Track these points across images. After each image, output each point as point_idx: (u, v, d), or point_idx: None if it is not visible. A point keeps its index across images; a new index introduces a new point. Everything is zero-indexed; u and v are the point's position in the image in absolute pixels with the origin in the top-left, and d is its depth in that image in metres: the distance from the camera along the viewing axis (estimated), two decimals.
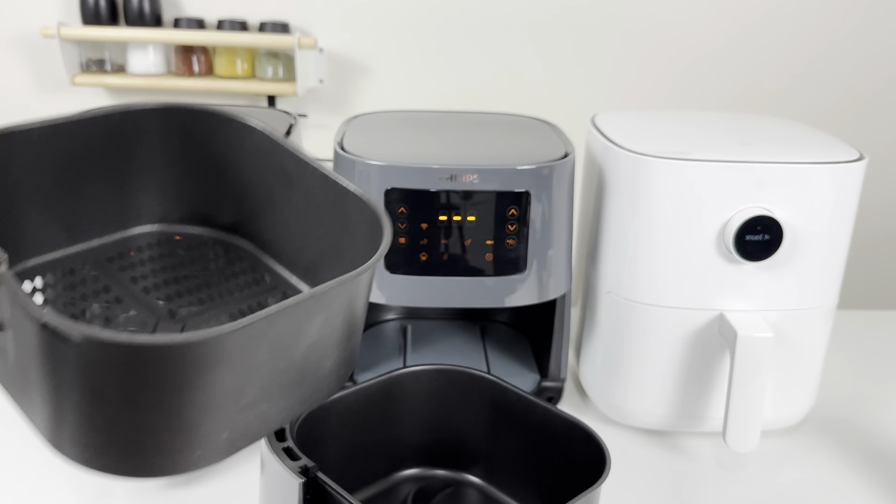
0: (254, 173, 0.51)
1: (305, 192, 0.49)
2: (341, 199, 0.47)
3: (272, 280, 0.54)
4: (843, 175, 0.65)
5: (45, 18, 1.76)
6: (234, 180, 0.52)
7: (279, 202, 0.51)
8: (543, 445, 0.59)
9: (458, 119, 0.80)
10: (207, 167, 0.52)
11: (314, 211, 0.49)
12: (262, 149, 0.50)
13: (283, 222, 0.52)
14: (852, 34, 1.83)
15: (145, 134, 0.50)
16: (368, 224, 0.45)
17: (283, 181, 0.50)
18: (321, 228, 0.49)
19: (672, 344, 0.70)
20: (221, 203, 0.53)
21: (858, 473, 0.70)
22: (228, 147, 0.51)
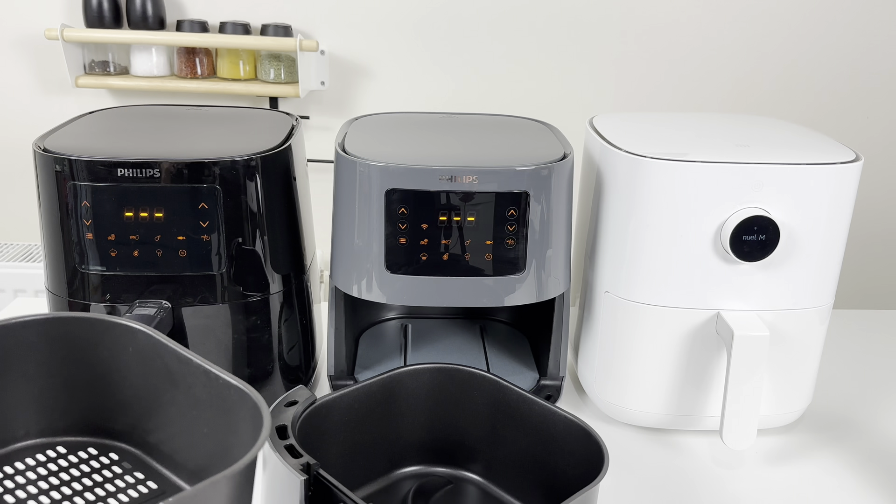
0: (139, 376, 0.51)
1: (189, 390, 0.49)
2: (224, 393, 0.47)
3: (160, 486, 0.53)
4: (839, 176, 0.66)
5: (48, 21, 1.77)
6: (120, 385, 0.52)
7: (164, 403, 0.51)
8: (542, 443, 0.60)
9: (457, 120, 0.81)
10: (92, 375, 0.51)
11: (198, 409, 0.49)
12: (146, 351, 0.50)
13: (169, 424, 0.51)
14: (848, 36, 1.84)
15: (26, 346, 0.50)
16: (251, 417, 0.44)
17: (167, 381, 0.50)
18: (205, 427, 0.49)
19: (669, 343, 0.70)
20: (107, 410, 0.53)
21: (854, 471, 0.71)
22: (113, 352, 0.51)
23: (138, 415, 0.52)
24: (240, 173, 0.64)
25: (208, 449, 0.50)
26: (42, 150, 0.63)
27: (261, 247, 0.67)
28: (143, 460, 0.53)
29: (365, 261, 0.67)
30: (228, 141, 0.70)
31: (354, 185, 0.66)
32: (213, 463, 0.50)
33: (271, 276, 0.69)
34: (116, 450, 0.53)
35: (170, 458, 0.53)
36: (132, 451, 0.53)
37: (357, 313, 0.83)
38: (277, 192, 0.68)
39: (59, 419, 0.53)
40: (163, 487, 0.52)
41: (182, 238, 0.64)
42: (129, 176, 0.62)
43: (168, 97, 1.84)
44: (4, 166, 1.92)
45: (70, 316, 0.50)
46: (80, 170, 0.62)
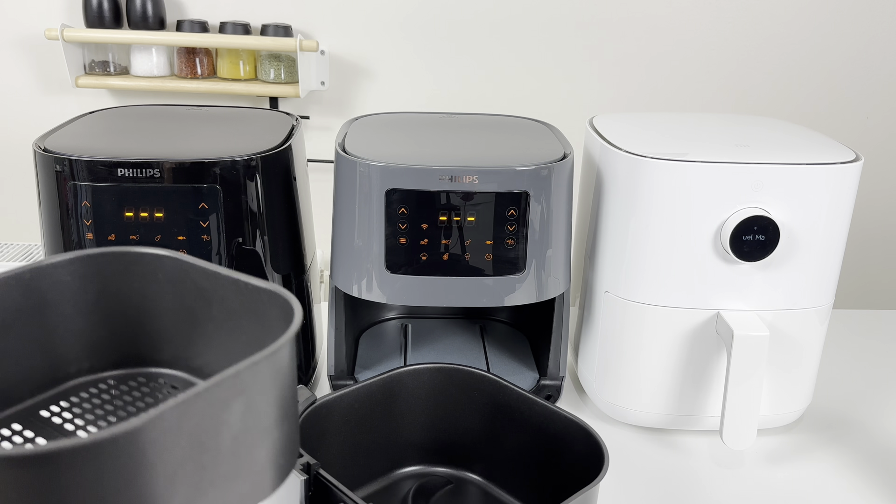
0: (173, 301, 0.51)
1: (222, 303, 0.49)
2: (254, 298, 0.47)
3: None
4: (839, 176, 0.66)
5: (48, 21, 1.77)
6: (157, 313, 0.52)
7: (202, 322, 0.51)
8: (542, 443, 0.60)
9: (458, 120, 0.81)
10: (129, 307, 0.52)
11: (234, 319, 0.49)
12: (175, 274, 0.50)
13: (209, 341, 0.51)
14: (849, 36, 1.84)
15: (61, 286, 0.50)
16: (283, 316, 0.45)
17: (200, 300, 0.50)
18: (243, 335, 0.49)
19: (669, 343, 0.70)
20: (148, 339, 0.53)
21: (854, 471, 0.71)
22: (144, 282, 0.51)
23: (180, 339, 0.53)
24: (240, 173, 0.64)
25: (250, 355, 0.50)
26: (42, 150, 0.63)
27: (261, 247, 0.67)
28: (191, 381, 0.54)
29: (365, 261, 0.67)
30: (228, 141, 0.70)
31: (354, 185, 0.66)
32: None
33: (271, 276, 0.69)
34: (165, 377, 0.54)
35: (216, 373, 0.53)
36: (180, 375, 0.54)
37: (357, 313, 0.83)
38: (277, 192, 0.68)
39: (105, 354, 0.53)
40: None
41: (182, 238, 0.64)
42: (129, 176, 0.62)
43: (168, 97, 1.84)
44: (4, 166, 1.92)
45: (99, 252, 0.50)
46: (81, 170, 0.62)
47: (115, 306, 0.52)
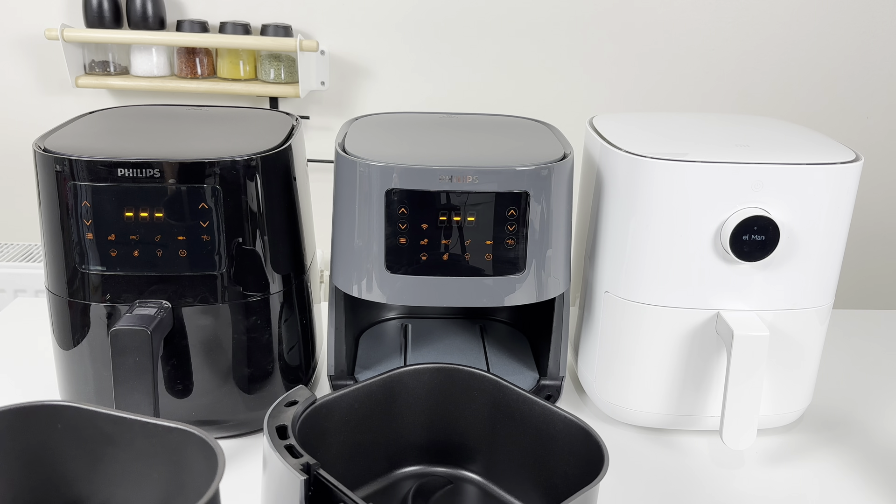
0: (75, 448, 0.51)
1: (130, 445, 0.50)
2: (167, 438, 0.48)
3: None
4: (839, 176, 0.66)
5: (48, 21, 1.77)
6: (58, 462, 0.52)
7: (106, 463, 0.51)
8: (542, 443, 0.60)
9: (457, 120, 0.81)
10: (26, 461, 0.52)
11: (141, 460, 0.50)
12: (76, 422, 0.50)
13: (114, 482, 0.52)
14: (849, 36, 1.84)
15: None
16: (202, 452, 0.45)
17: (105, 444, 0.51)
18: (155, 473, 0.50)
19: (669, 343, 0.70)
20: (50, 489, 0.53)
21: (854, 471, 0.71)
22: (42, 434, 0.51)
23: (82, 484, 0.53)
24: (240, 173, 0.64)
25: (163, 491, 0.51)
26: (42, 150, 0.63)
27: (261, 247, 0.67)
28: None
29: (365, 261, 0.68)
30: (228, 141, 0.70)
31: (354, 185, 0.66)
32: (171, 501, 0.51)
33: (271, 276, 0.69)
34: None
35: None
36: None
37: (357, 313, 0.83)
38: (277, 192, 0.68)
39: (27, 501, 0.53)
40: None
41: (182, 238, 0.64)
42: (129, 176, 0.62)
43: (168, 97, 1.84)
44: (4, 166, 1.92)
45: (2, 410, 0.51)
46: (81, 170, 0.62)
47: (10, 463, 0.52)
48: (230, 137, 0.71)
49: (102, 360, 0.67)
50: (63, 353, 0.69)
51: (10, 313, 0.95)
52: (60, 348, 0.69)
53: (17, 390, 0.78)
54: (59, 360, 0.70)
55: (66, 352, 0.69)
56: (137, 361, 0.61)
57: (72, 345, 0.68)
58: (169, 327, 0.65)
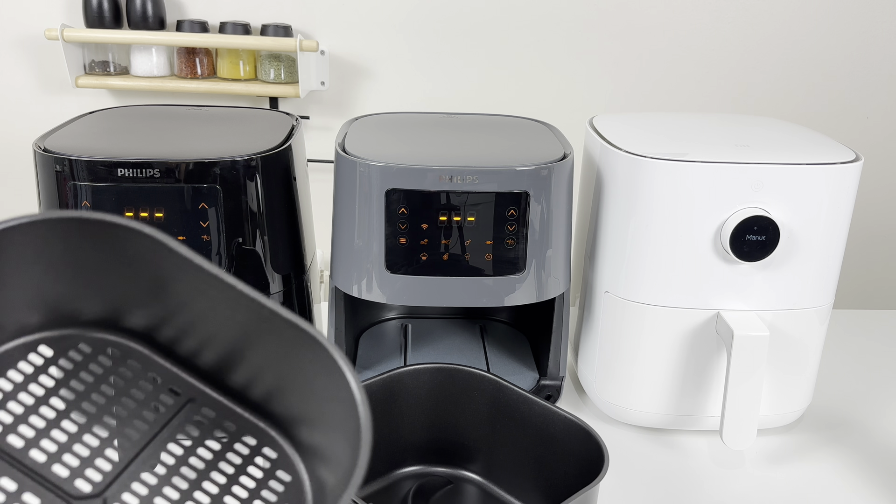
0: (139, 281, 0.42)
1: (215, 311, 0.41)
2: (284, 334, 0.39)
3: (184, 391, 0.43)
4: (839, 176, 0.66)
5: (48, 21, 1.77)
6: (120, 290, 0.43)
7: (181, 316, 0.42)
8: (542, 443, 0.60)
9: (457, 120, 0.81)
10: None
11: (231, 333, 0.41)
12: (153, 258, 0.41)
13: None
14: (849, 36, 1.84)
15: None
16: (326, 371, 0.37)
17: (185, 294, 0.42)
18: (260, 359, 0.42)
19: (669, 343, 0.70)
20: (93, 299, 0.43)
21: (854, 471, 0.71)
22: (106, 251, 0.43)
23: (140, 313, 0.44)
24: (240, 173, 0.64)
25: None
26: (42, 150, 0.63)
27: (261, 247, 0.67)
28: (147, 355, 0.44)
29: (365, 261, 0.67)
30: (228, 141, 0.70)
31: (354, 185, 0.66)
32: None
33: (271, 276, 0.69)
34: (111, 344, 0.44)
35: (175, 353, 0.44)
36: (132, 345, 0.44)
37: (357, 313, 0.83)
38: (277, 192, 0.68)
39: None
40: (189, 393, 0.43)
41: (181, 238, 0.64)
42: (129, 176, 0.62)
43: (168, 97, 1.84)
44: (4, 166, 1.92)
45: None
46: (81, 170, 0.62)
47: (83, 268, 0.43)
48: (230, 137, 0.71)
49: None
50: None
51: None
52: None
53: None
54: None
55: None
56: None
57: None
58: None
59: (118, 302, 0.43)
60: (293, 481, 0.41)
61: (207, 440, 0.42)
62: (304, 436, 0.42)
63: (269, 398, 0.42)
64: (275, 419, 0.43)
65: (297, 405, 0.41)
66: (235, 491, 0.40)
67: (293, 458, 0.42)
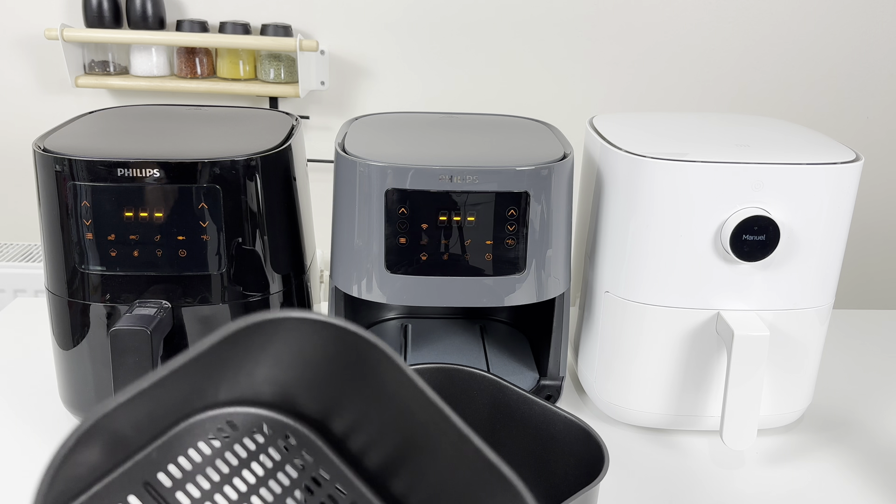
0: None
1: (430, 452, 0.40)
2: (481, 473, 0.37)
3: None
4: (840, 175, 0.66)
5: (48, 21, 1.77)
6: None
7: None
8: (542, 443, 0.60)
9: (457, 120, 0.81)
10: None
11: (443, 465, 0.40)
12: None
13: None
14: (848, 35, 1.84)
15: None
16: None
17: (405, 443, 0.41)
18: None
19: (670, 343, 0.70)
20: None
21: (854, 471, 0.71)
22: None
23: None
24: (240, 173, 0.64)
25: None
26: (42, 150, 0.63)
27: (261, 247, 0.67)
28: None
29: (365, 261, 0.67)
30: (228, 141, 0.70)
31: (354, 185, 0.66)
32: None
33: (271, 276, 0.69)
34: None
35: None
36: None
37: (357, 313, 0.83)
38: (277, 192, 0.68)
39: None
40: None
41: (182, 238, 0.64)
42: (129, 176, 0.62)
43: (168, 97, 1.84)
44: (4, 166, 1.92)
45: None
46: (80, 170, 0.62)
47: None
48: (230, 137, 0.71)
49: (102, 360, 0.67)
50: (63, 353, 0.69)
51: (10, 313, 0.95)
52: (60, 348, 0.69)
53: (17, 390, 0.78)
54: (58, 360, 0.70)
55: (66, 352, 0.69)
56: (137, 361, 0.61)
57: (72, 345, 0.68)
58: (169, 327, 0.65)
59: (331, 404, 0.43)
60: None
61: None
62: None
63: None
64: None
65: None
66: None
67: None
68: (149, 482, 0.39)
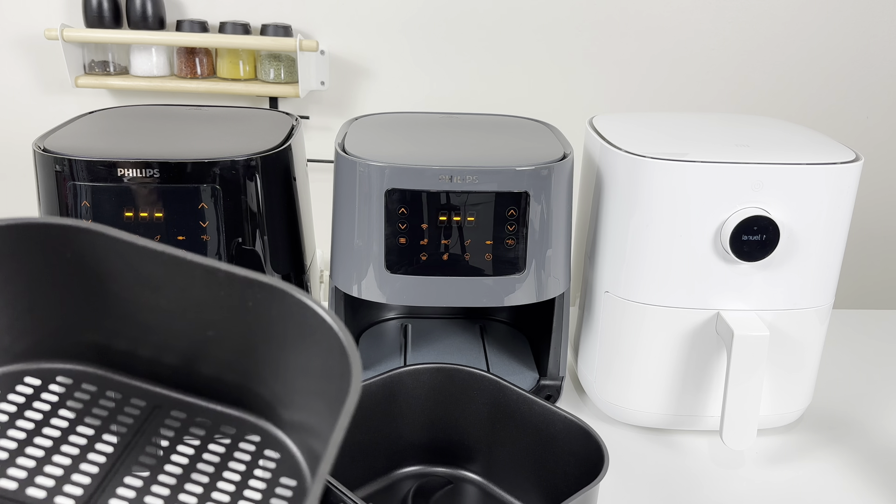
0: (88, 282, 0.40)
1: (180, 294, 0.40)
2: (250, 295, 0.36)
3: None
4: (839, 176, 0.66)
5: (48, 21, 1.77)
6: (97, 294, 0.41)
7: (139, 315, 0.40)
8: (542, 443, 0.60)
9: (457, 120, 0.81)
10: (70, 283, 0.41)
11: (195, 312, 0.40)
12: (99, 253, 0.39)
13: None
14: (848, 36, 1.84)
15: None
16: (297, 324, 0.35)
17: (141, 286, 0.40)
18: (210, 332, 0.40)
19: (669, 343, 0.70)
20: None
21: (854, 471, 0.71)
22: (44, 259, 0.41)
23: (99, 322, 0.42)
24: (240, 173, 0.64)
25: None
26: (42, 150, 0.63)
27: (261, 247, 0.67)
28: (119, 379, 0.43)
29: (365, 261, 0.67)
30: (228, 141, 0.70)
31: (354, 185, 0.66)
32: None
33: (271, 275, 0.69)
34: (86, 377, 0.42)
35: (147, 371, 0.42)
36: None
37: (357, 313, 0.83)
38: (277, 192, 0.68)
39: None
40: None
41: (182, 238, 0.64)
42: (128, 176, 0.62)
43: (168, 97, 1.84)
44: (4, 166, 1.92)
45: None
46: (80, 170, 0.62)
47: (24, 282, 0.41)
48: (230, 137, 0.71)
49: None
50: None
51: None
52: None
53: None
54: None
55: None
56: None
57: None
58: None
59: (62, 321, 0.41)
60: (284, 457, 0.40)
61: (183, 442, 0.41)
62: (286, 415, 0.41)
63: (244, 385, 0.41)
64: (252, 407, 0.42)
65: (272, 382, 0.40)
66: (224, 482, 0.39)
67: (278, 435, 0.41)
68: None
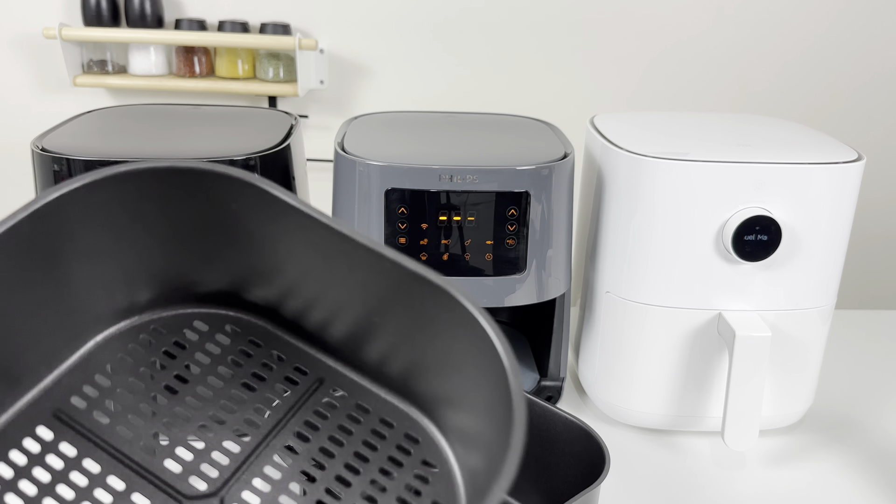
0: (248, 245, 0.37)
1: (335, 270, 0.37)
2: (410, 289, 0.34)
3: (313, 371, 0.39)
4: (841, 175, 0.66)
5: (46, 19, 1.77)
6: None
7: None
8: (543, 444, 0.59)
9: (457, 120, 0.81)
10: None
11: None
12: (259, 210, 0.36)
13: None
14: (850, 35, 1.84)
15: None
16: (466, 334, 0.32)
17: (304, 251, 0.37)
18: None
19: (671, 343, 0.70)
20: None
21: (856, 472, 0.70)
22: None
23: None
24: None
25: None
26: (40, 150, 0.63)
27: None
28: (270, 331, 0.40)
29: None
30: (227, 140, 0.69)
31: (354, 185, 0.66)
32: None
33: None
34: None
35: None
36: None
37: None
38: None
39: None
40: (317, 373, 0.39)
41: None
42: None
43: (166, 96, 1.83)
44: (3, 166, 1.91)
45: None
46: (79, 169, 0.61)
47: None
48: (229, 137, 0.71)
49: None
50: None
51: None
52: None
53: None
54: None
55: None
56: None
57: None
58: None
59: (232, 272, 0.38)
60: (442, 470, 0.36)
61: (340, 428, 0.37)
62: (449, 418, 0.37)
63: (408, 375, 0.37)
64: (415, 399, 0.38)
65: (438, 381, 0.36)
66: (376, 483, 0.35)
67: (440, 442, 0.37)
68: (60, 409, 0.35)
